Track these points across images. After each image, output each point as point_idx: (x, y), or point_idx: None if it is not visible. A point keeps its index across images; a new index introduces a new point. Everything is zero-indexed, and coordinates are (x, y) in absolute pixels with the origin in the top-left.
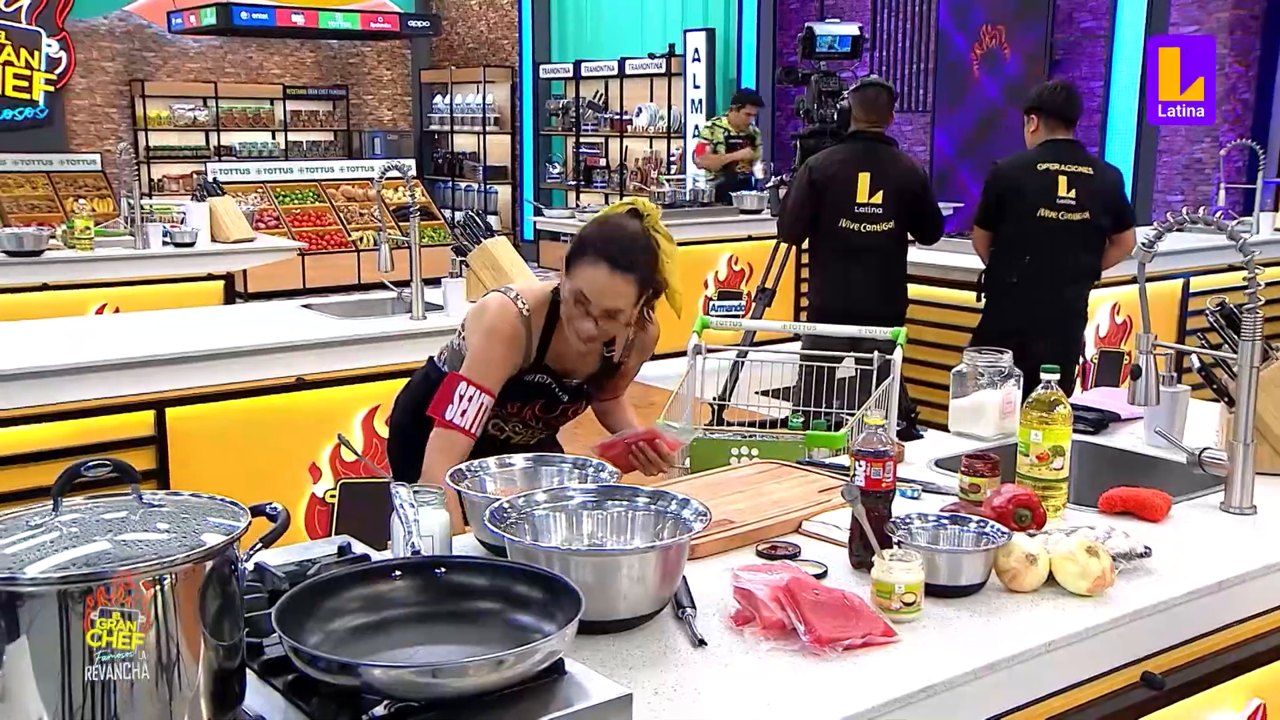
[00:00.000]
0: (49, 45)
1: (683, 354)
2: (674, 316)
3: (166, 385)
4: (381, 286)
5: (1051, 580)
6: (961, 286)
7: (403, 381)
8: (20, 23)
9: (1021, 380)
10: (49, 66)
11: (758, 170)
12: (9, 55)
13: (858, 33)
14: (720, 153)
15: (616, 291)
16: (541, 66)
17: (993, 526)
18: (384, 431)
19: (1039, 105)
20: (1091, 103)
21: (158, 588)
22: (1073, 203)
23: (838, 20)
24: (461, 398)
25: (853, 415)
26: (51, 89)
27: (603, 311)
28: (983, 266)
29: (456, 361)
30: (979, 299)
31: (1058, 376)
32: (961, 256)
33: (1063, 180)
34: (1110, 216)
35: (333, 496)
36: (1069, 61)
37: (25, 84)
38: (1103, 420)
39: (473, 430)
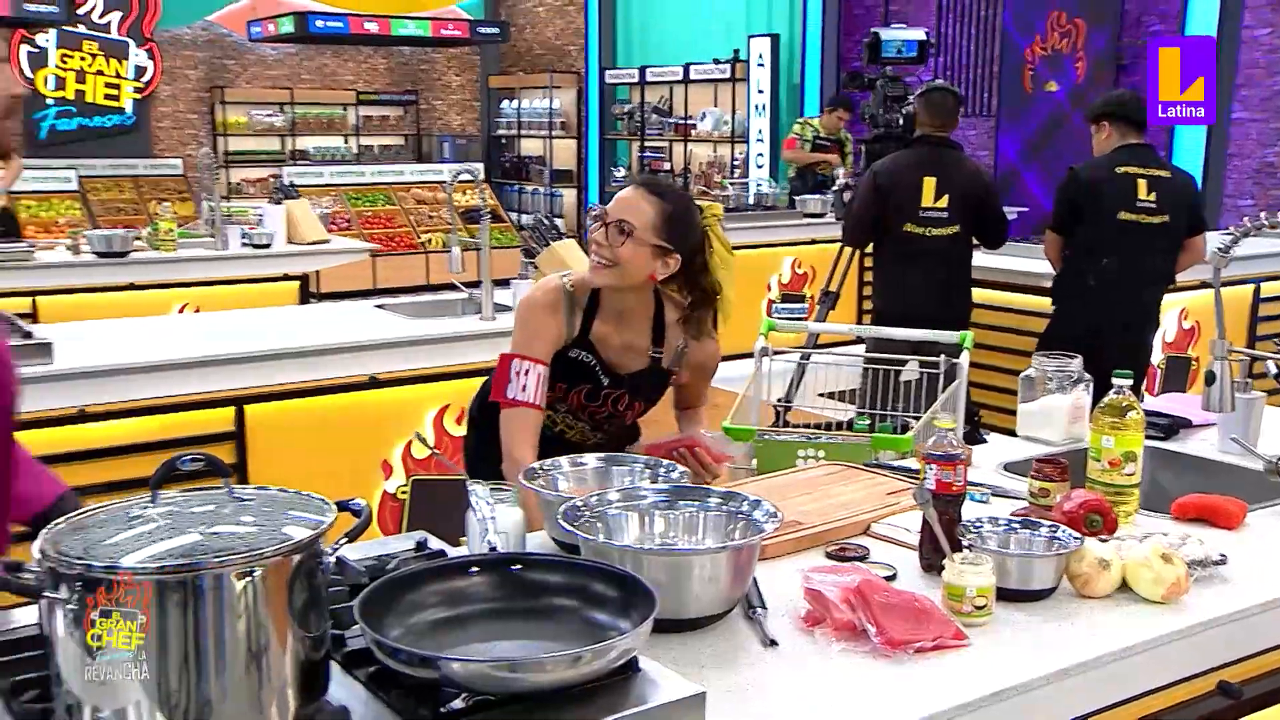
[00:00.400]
0: (137, 55)
1: (747, 356)
2: (738, 322)
3: (246, 383)
4: (450, 287)
5: (1123, 586)
6: (1025, 290)
7: (473, 381)
8: (111, 34)
9: (1091, 385)
10: (136, 75)
11: (840, 175)
12: (100, 65)
13: (924, 38)
14: (806, 151)
15: (634, 206)
16: (607, 72)
17: (1064, 531)
18: (454, 430)
19: (1109, 112)
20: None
21: (248, 579)
22: (1153, 205)
23: (904, 25)
24: (518, 374)
25: (915, 418)
26: (138, 96)
27: (615, 221)
28: (1053, 271)
29: None
30: (1053, 304)
31: (1131, 382)
32: (1025, 260)
33: (1142, 183)
34: (1185, 220)
35: (404, 493)
36: (1136, 65)
37: (115, 92)
38: (1174, 426)
39: (536, 401)
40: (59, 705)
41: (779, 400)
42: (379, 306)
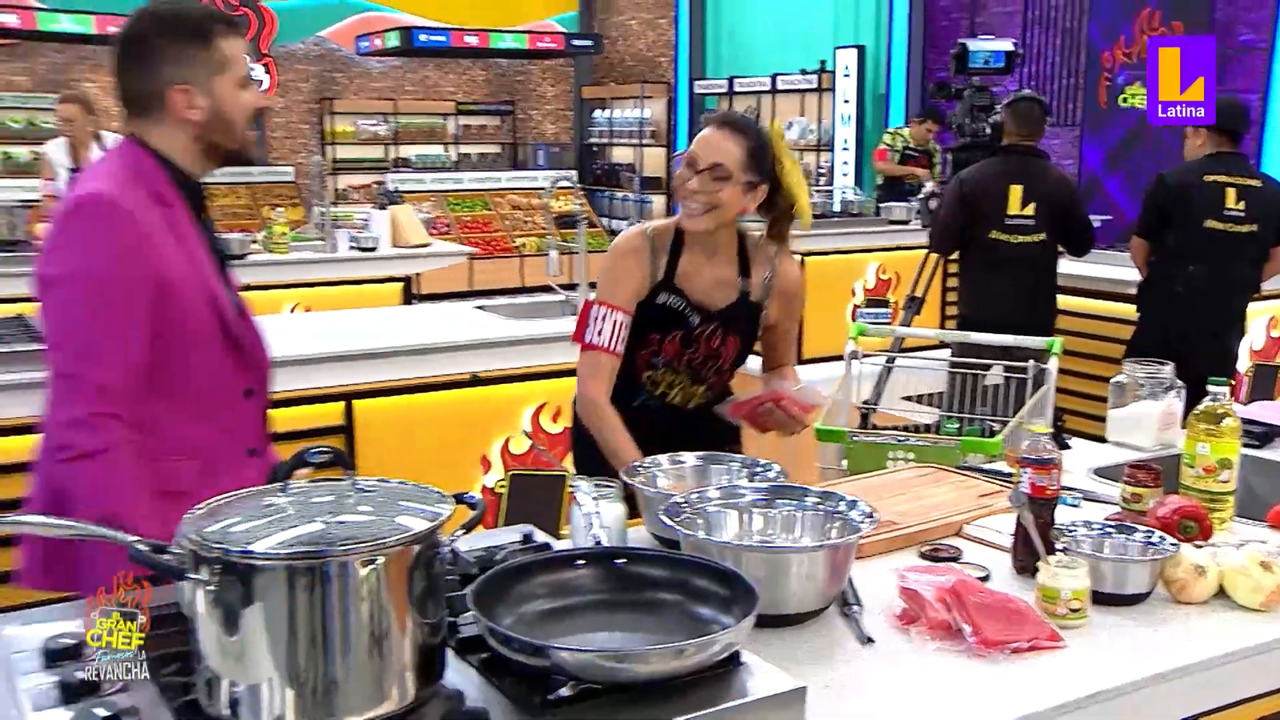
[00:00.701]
0: (253, 69)
1: (834, 359)
2: (823, 327)
3: (355, 379)
4: (543, 289)
5: (1219, 593)
6: (1109, 297)
7: (569, 380)
8: None
9: (1184, 392)
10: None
11: (929, 186)
12: None
13: (1011, 48)
14: (895, 162)
15: (722, 148)
16: (696, 82)
17: (1160, 536)
18: (550, 427)
19: None
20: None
21: (372, 567)
22: (1241, 214)
23: (991, 36)
24: (596, 319)
25: (999, 422)
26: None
27: (708, 165)
28: (1139, 278)
29: None
30: (1138, 310)
31: (1227, 390)
32: (1110, 268)
33: (1231, 192)
34: (1274, 229)
35: (502, 487)
36: (1226, 74)
37: None
38: (1269, 434)
39: (611, 348)
40: (199, 679)
41: (864, 402)
42: (480, 308)
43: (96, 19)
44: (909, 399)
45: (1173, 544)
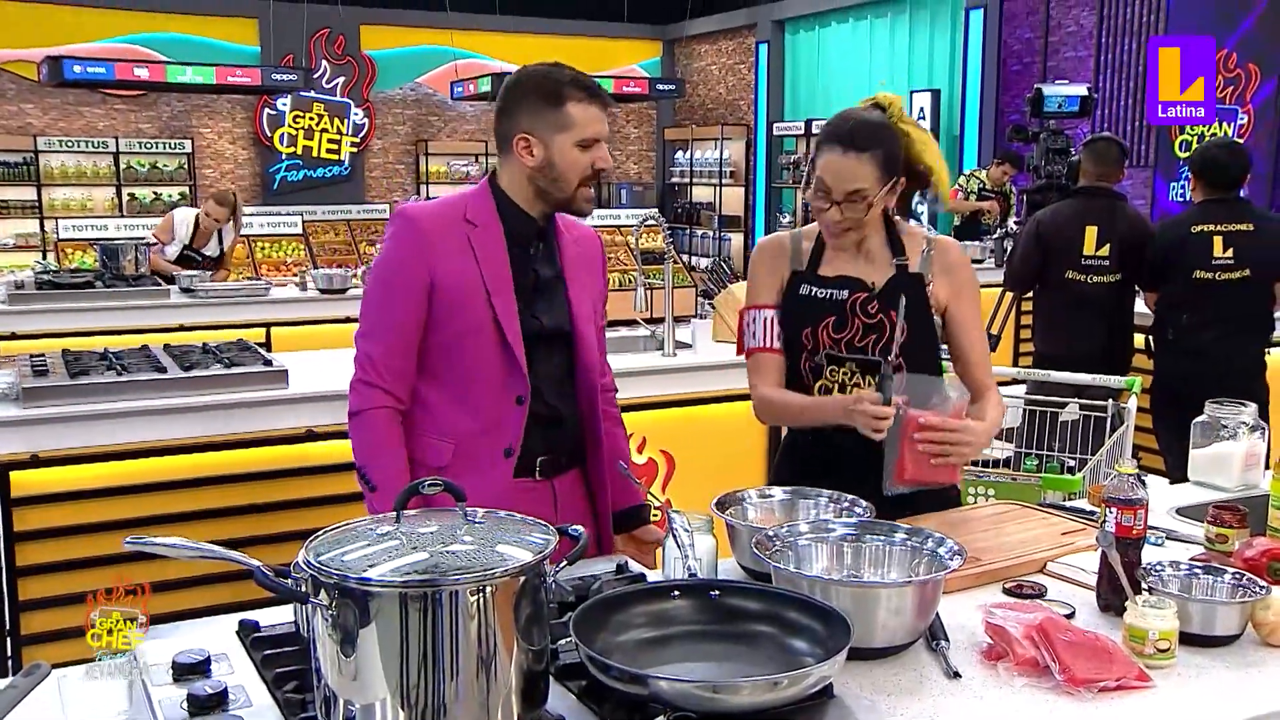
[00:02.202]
0: (355, 114)
1: None
2: None
3: None
4: (625, 323)
5: None
6: None
7: (657, 413)
8: (335, 96)
9: (1268, 432)
10: (354, 131)
11: (1011, 224)
12: (325, 124)
13: (1086, 93)
14: (970, 200)
15: (855, 173)
16: (775, 124)
17: (1249, 578)
18: (635, 458)
19: (1194, 169)
20: None
21: (480, 595)
22: (1229, 262)
23: (1065, 81)
24: (749, 324)
25: (1074, 458)
26: (354, 150)
27: (844, 195)
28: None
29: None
30: (1148, 352)
31: None
32: None
33: (1218, 241)
34: (1272, 269)
35: None
36: None
37: (335, 147)
38: None
39: (769, 345)
40: (316, 696)
41: None
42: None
43: (217, 70)
44: None
45: (1263, 586)
